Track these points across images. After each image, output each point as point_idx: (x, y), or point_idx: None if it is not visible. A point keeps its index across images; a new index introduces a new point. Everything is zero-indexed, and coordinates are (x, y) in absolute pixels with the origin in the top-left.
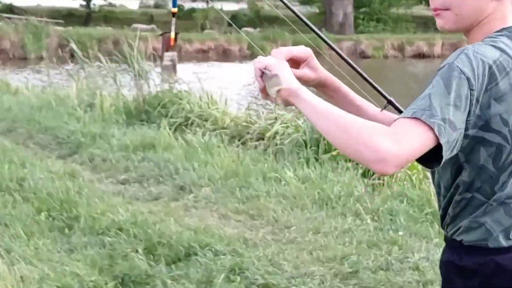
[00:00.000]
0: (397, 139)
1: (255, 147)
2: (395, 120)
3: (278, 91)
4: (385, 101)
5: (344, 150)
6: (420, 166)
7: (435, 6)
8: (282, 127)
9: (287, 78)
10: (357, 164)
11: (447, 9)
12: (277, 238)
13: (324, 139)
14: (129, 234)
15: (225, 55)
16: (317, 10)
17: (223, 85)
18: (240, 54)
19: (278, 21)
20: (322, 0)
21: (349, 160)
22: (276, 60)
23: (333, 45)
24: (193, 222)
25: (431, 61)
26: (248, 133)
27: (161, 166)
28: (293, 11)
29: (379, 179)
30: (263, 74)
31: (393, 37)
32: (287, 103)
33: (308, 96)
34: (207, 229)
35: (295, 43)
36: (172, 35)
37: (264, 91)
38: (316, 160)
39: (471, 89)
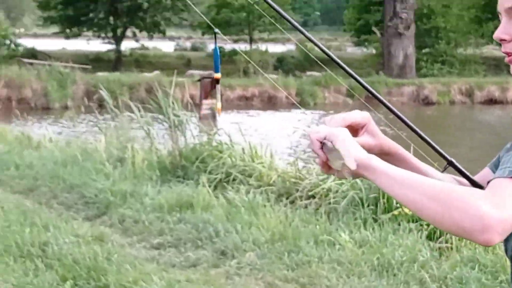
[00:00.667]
0: (499, 203)
1: (306, 206)
2: (489, 181)
3: (344, 164)
4: (445, 162)
5: (438, 221)
6: None
7: (507, 50)
8: (335, 183)
9: (353, 148)
10: (421, 225)
11: None
12: None
13: (384, 196)
14: None
15: (270, 103)
16: (374, 51)
17: (268, 136)
18: (288, 101)
19: (331, 64)
20: (379, 40)
21: (413, 221)
22: (334, 128)
23: (377, 94)
24: None
25: (503, 107)
26: (297, 190)
27: (200, 228)
28: (327, 53)
29: (446, 242)
30: (323, 145)
31: (460, 80)
32: (356, 175)
33: (382, 165)
34: None
35: (350, 88)
36: (218, 105)
37: (325, 165)
38: (375, 221)
39: None
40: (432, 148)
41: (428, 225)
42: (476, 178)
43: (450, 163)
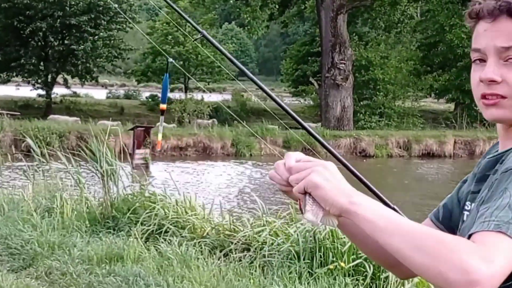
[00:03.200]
0: (487, 258)
1: (240, 259)
2: (471, 234)
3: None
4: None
5: (423, 272)
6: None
7: (495, 92)
8: (271, 236)
9: (333, 191)
10: (357, 280)
11: (505, 97)
12: None
13: (320, 250)
14: None
15: (205, 153)
16: (312, 102)
17: (203, 187)
18: (223, 152)
19: (268, 115)
20: (317, 91)
21: (349, 275)
22: (304, 168)
23: (325, 143)
24: None
25: (442, 161)
26: (231, 243)
27: (130, 281)
28: (280, 104)
29: None
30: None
31: (398, 133)
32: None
33: (363, 210)
34: None
35: (286, 140)
36: (159, 137)
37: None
38: (311, 275)
39: None
40: (376, 196)
41: (364, 279)
42: None
43: (393, 210)
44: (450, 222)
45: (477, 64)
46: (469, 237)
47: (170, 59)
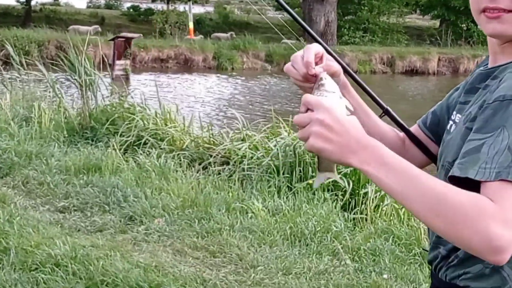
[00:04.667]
0: (509, 220)
1: (219, 172)
2: (478, 181)
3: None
4: (381, 111)
5: (446, 236)
6: None
7: (499, 6)
8: (250, 150)
9: (337, 154)
10: (336, 195)
11: (510, 11)
12: (241, 279)
13: (300, 165)
14: (68, 271)
15: (187, 66)
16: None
17: (183, 100)
18: (205, 65)
19: (250, 27)
20: (301, 5)
21: (328, 190)
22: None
23: (328, 47)
24: (143, 258)
25: (425, 78)
26: (211, 156)
27: (108, 192)
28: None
29: (361, 213)
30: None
31: (382, 49)
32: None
33: (377, 173)
34: (159, 267)
35: (269, 53)
36: (191, 25)
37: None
38: (290, 189)
39: None
40: (369, 96)
41: (343, 195)
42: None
43: (386, 112)
44: (437, 128)
45: None
46: (469, 181)
47: None
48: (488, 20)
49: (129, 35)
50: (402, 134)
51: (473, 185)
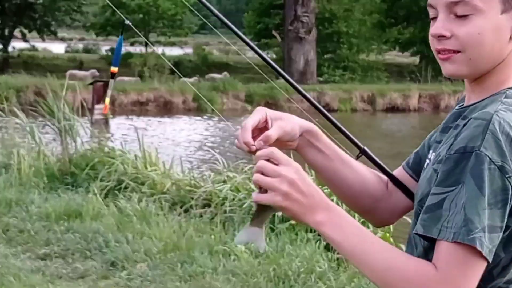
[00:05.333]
0: (453, 284)
1: (200, 215)
2: (426, 238)
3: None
4: (358, 151)
5: None
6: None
7: (446, 47)
8: (232, 191)
9: (297, 215)
10: (319, 235)
11: (458, 52)
12: None
13: None
14: None
15: (166, 108)
16: (274, 56)
17: (163, 143)
18: (184, 107)
19: (229, 68)
20: (280, 45)
21: (310, 231)
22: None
23: (301, 89)
24: None
25: (406, 115)
26: (192, 198)
27: (89, 238)
28: (258, 53)
29: None
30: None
31: (362, 87)
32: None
33: (332, 235)
34: None
35: (249, 94)
36: (107, 101)
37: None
38: (272, 230)
39: (507, 177)
40: (345, 136)
41: None
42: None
43: (363, 152)
44: (419, 167)
45: (433, 20)
46: (425, 238)
47: (127, 21)
48: (441, 61)
49: (107, 80)
50: (385, 177)
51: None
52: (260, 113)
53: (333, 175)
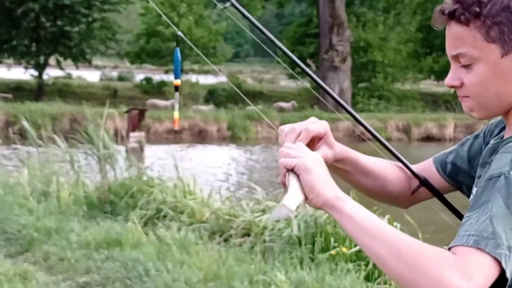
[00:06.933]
0: (467, 275)
1: (240, 244)
2: (451, 247)
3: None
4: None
5: (400, 281)
6: None
7: (461, 95)
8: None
9: (321, 183)
10: (359, 265)
11: (467, 96)
12: None
13: (321, 235)
14: None
15: (201, 137)
16: (309, 85)
17: (199, 170)
18: (219, 136)
19: (263, 96)
20: (314, 73)
21: (351, 261)
22: (308, 157)
23: (360, 118)
24: None
25: (441, 145)
26: (231, 228)
27: (129, 266)
28: (306, 71)
29: (385, 283)
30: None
31: (397, 116)
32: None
33: (348, 208)
34: None
35: (282, 122)
36: (176, 114)
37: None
38: (312, 260)
39: None
40: (406, 167)
41: (366, 265)
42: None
43: (424, 182)
44: (458, 177)
45: None
46: (450, 249)
47: (179, 32)
48: (461, 101)
49: (142, 108)
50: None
51: None
52: (324, 127)
53: (351, 183)
